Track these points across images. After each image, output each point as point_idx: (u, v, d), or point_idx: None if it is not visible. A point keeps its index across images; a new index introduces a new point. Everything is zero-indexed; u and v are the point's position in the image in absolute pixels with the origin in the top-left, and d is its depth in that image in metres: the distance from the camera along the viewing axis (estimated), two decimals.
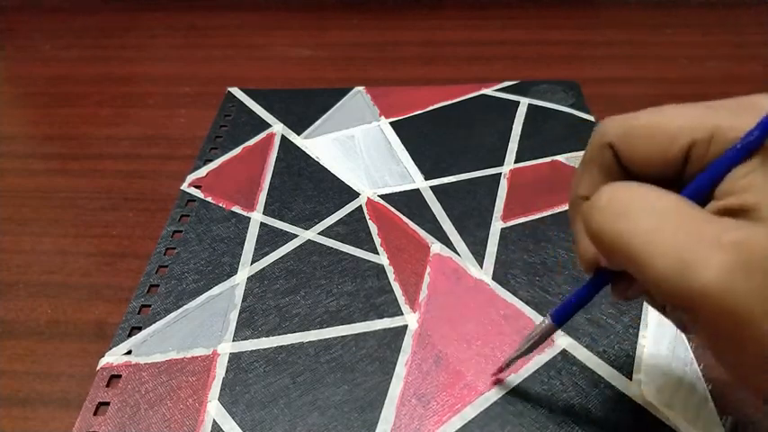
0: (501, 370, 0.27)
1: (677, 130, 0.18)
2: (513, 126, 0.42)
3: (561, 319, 0.22)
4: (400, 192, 0.37)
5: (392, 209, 0.36)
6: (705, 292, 0.14)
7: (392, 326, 0.30)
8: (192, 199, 0.37)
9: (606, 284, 0.20)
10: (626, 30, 0.55)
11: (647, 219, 0.16)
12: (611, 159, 0.19)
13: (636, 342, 0.28)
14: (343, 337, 0.29)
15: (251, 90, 0.47)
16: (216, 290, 0.32)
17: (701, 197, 0.17)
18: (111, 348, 0.29)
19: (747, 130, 0.16)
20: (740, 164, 0.16)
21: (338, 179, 0.38)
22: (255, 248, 0.34)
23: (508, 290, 0.31)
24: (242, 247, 0.34)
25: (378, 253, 0.33)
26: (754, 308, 0.14)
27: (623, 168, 0.19)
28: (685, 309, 0.15)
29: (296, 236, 0.34)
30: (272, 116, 0.44)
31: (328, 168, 0.39)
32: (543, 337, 0.24)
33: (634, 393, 0.26)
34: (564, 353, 0.28)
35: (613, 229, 0.17)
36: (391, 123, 0.43)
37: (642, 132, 0.18)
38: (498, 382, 0.27)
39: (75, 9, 0.61)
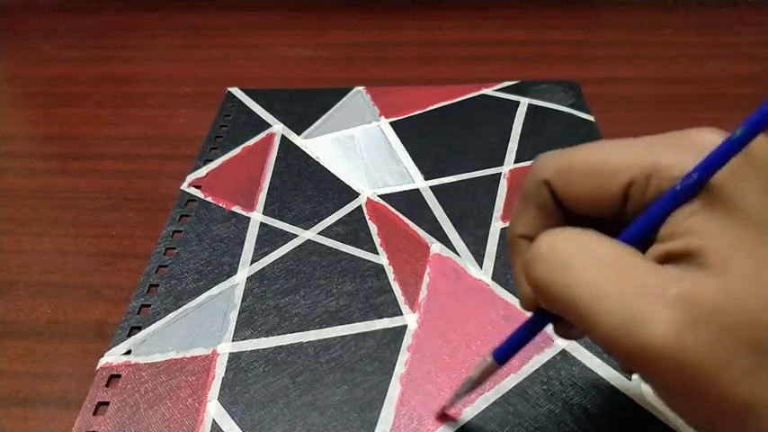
0: (445, 409, 0.26)
1: (615, 169, 0.17)
2: (513, 126, 0.42)
3: (503, 358, 0.21)
4: (400, 192, 0.37)
5: (392, 209, 0.36)
6: (654, 350, 0.14)
7: (392, 326, 0.30)
8: (192, 199, 0.37)
9: (548, 324, 0.19)
10: (626, 30, 0.55)
11: (590, 271, 0.16)
12: (547, 197, 0.19)
13: None
14: (342, 337, 0.29)
15: (251, 90, 0.47)
16: (215, 290, 0.32)
17: (642, 239, 0.16)
18: (110, 348, 0.29)
19: (687, 172, 0.15)
20: (681, 206, 0.15)
21: (338, 179, 0.38)
22: (255, 248, 0.34)
23: (508, 290, 0.31)
24: (242, 247, 0.34)
25: (377, 253, 0.33)
26: (707, 362, 0.14)
27: (561, 206, 0.19)
28: (635, 365, 0.15)
29: (296, 236, 0.34)
30: (272, 116, 0.44)
31: (328, 168, 0.39)
32: (485, 375, 0.22)
33: (634, 393, 0.26)
34: (563, 353, 0.28)
35: (555, 281, 0.16)
36: (391, 123, 0.43)
37: (579, 170, 0.18)
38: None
39: (76, 9, 0.61)
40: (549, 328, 0.20)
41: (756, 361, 0.14)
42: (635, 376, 0.27)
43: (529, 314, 0.20)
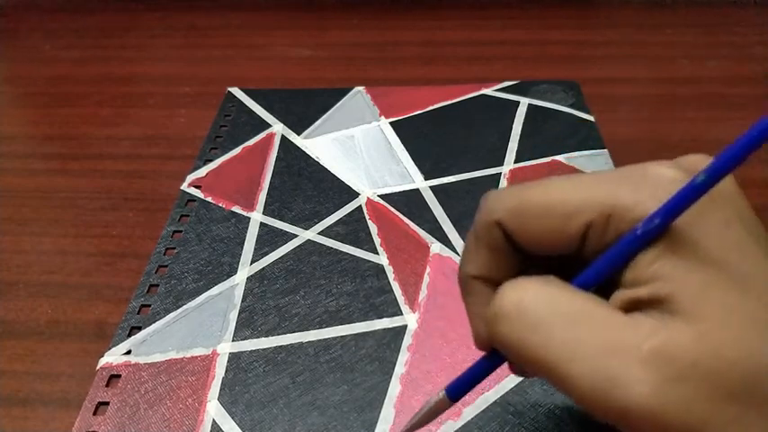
0: None
1: (571, 210, 0.16)
2: (513, 126, 0.42)
3: (457, 395, 0.20)
4: (400, 192, 0.37)
5: (392, 209, 0.36)
6: (635, 411, 0.14)
7: (392, 326, 0.30)
8: (192, 199, 0.37)
9: (503, 363, 0.19)
10: (626, 30, 0.55)
11: (559, 331, 0.15)
12: (500, 238, 0.18)
13: None
14: (342, 337, 0.29)
15: (251, 90, 0.47)
16: (215, 290, 0.32)
17: (602, 281, 0.16)
18: (110, 348, 0.29)
19: (647, 215, 0.15)
20: (644, 249, 0.15)
21: (338, 179, 0.38)
22: (255, 248, 0.34)
23: None
24: (242, 247, 0.34)
25: (377, 253, 0.33)
26: (689, 418, 0.14)
27: (514, 245, 0.18)
28: (617, 425, 0.15)
29: (296, 236, 0.34)
30: (272, 116, 0.44)
31: (328, 168, 0.39)
32: (437, 412, 0.21)
33: None
34: None
35: (524, 343, 0.16)
36: (391, 123, 0.43)
37: (533, 212, 0.17)
38: None
39: (75, 9, 0.61)
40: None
41: (737, 410, 0.14)
42: None
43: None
